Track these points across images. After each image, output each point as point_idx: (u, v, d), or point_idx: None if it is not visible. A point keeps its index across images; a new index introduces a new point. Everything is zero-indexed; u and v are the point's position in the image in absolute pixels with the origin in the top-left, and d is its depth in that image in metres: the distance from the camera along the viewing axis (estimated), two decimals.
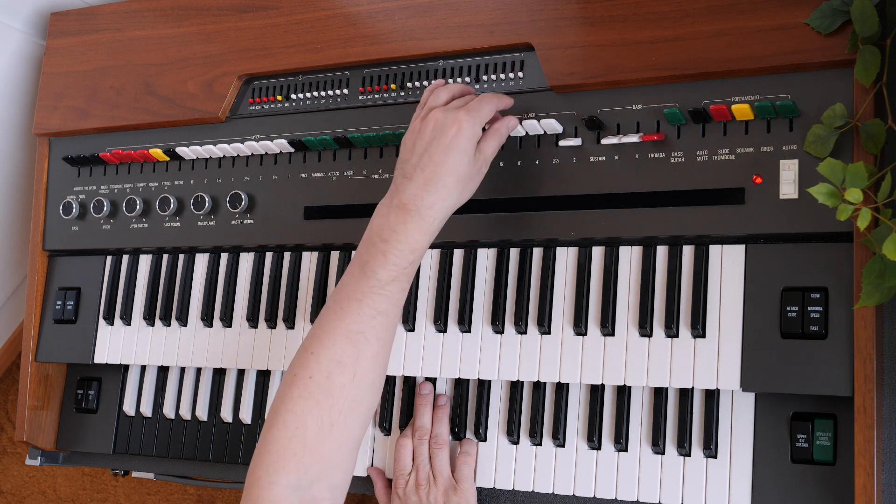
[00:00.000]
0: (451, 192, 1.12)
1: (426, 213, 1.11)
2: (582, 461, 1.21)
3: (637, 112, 1.21)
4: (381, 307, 1.13)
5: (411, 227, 1.11)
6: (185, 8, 1.51)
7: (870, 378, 1.05)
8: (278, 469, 1.09)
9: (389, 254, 1.12)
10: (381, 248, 1.12)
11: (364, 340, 1.12)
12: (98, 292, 1.55)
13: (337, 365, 1.11)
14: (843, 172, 1.01)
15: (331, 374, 1.11)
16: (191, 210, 1.47)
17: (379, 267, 1.12)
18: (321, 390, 1.10)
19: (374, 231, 1.13)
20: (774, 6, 1.13)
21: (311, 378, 1.11)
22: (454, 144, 1.11)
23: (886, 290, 1.01)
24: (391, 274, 1.12)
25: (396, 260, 1.12)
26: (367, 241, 1.14)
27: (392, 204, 1.13)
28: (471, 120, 1.13)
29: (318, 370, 1.11)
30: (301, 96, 1.42)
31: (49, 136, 1.62)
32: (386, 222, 1.12)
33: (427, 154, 1.12)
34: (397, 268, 1.12)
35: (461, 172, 1.12)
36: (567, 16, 1.24)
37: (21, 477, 2.23)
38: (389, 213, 1.12)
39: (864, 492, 1.04)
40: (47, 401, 1.58)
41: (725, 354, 1.14)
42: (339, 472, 1.12)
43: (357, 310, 1.12)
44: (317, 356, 1.12)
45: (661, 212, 1.18)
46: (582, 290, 1.23)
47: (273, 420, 1.12)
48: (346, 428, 1.12)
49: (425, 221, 1.12)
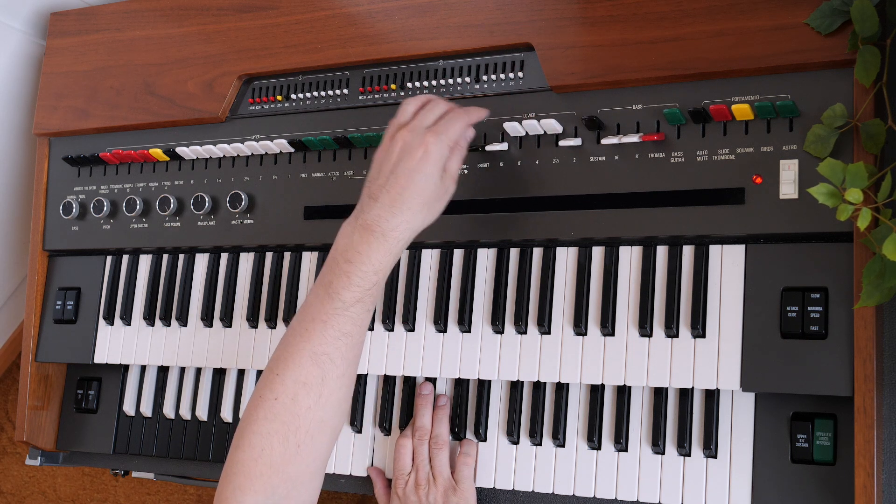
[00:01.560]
0: (416, 214, 1.12)
1: (390, 235, 1.11)
2: (582, 461, 1.21)
3: (637, 112, 1.21)
4: (345, 328, 1.12)
5: (375, 248, 1.11)
6: (185, 8, 1.51)
7: (870, 378, 1.05)
8: (245, 490, 1.09)
9: (353, 275, 1.11)
10: (345, 269, 1.12)
11: (329, 362, 1.12)
12: (98, 292, 1.55)
13: (302, 387, 1.11)
14: (843, 172, 1.01)
15: (296, 395, 1.11)
16: (191, 210, 1.47)
17: (343, 288, 1.12)
18: (287, 412, 1.10)
19: (339, 251, 1.13)
20: (774, 6, 1.13)
21: (276, 400, 1.11)
22: (420, 167, 1.11)
23: (886, 290, 1.01)
24: (355, 295, 1.12)
25: (360, 281, 1.11)
26: (331, 262, 1.14)
27: (357, 224, 1.12)
28: (438, 142, 1.12)
29: (284, 392, 1.11)
30: (301, 96, 1.42)
31: (49, 136, 1.61)
32: (350, 243, 1.12)
33: (393, 176, 1.12)
34: (361, 289, 1.12)
35: (427, 195, 1.12)
36: (567, 16, 1.24)
37: (21, 477, 2.23)
38: (353, 234, 1.12)
39: (864, 492, 1.04)
40: (47, 401, 1.58)
41: (725, 354, 1.14)
42: (306, 491, 1.12)
43: (322, 331, 1.12)
44: (282, 378, 1.12)
45: (661, 212, 1.18)
46: (582, 290, 1.23)
47: (239, 441, 1.12)
48: (313, 448, 1.12)
49: (389, 243, 1.11)
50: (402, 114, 1.18)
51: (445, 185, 1.16)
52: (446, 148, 1.14)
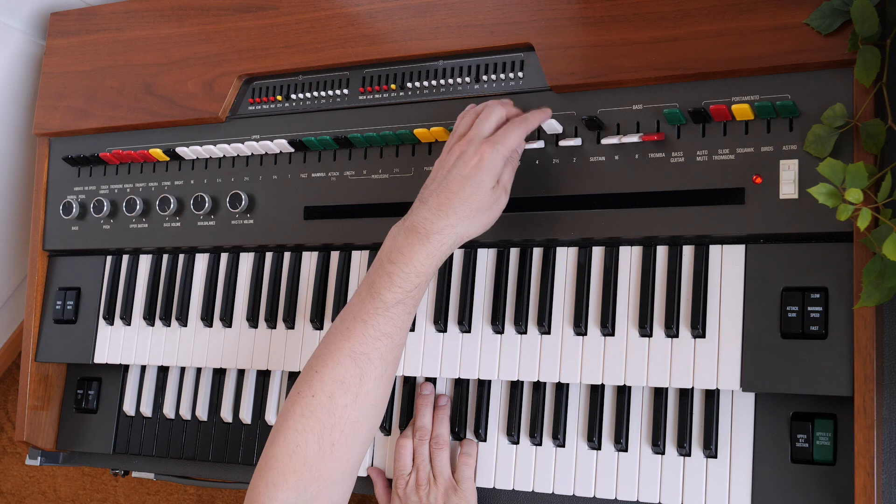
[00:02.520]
0: (463, 219, 1.12)
1: (434, 238, 1.12)
2: (582, 461, 1.21)
3: (637, 112, 1.21)
4: (385, 329, 1.13)
5: (418, 249, 1.12)
6: (185, 8, 1.51)
7: (870, 378, 1.05)
8: (278, 485, 1.09)
9: (395, 276, 1.12)
10: (388, 270, 1.12)
11: (368, 362, 1.12)
12: (98, 292, 1.55)
13: (340, 385, 1.11)
14: (843, 172, 1.01)
15: (333, 393, 1.11)
16: (191, 210, 1.47)
17: (384, 288, 1.12)
18: (323, 409, 1.11)
19: (384, 252, 1.14)
20: (774, 6, 1.13)
21: (313, 397, 1.11)
22: (472, 175, 1.12)
23: (886, 290, 1.01)
24: (396, 296, 1.12)
25: (401, 282, 1.12)
26: (376, 262, 1.15)
27: (403, 226, 1.14)
28: (493, 152, 1.13)
29: (322, 389, 1.11)
30: (301, 96, 1.42)
31: (49, 136, 1.61)
32: (394, 244, 1.13)
33: (445, 181, 1.13)
34: (402, 290, 1.12)
35: (477, 203, 1.13)
36: (567, 16, 1.24)
37: (21, 477, 2.23)
38: (398, 235, 1.13)
39: (864, 492, 1.04)
40: (47, 401, 1.58)
41: (725, 354, 1.14)
42: (338, 490, 1.13)
43: (362, 331, 1.12)
44: (321, 375, 1.12)
45: (661, 212, 1.18)
46: (582, 290, 1.23)
47: (275, 437, 1.12)
48: (347, 447, 1.12)
49: (432, 245, 1.12)
50: (461, 125, 1.18)
51: (497, 195, 1.15)
52: (501, 158, 1.14)
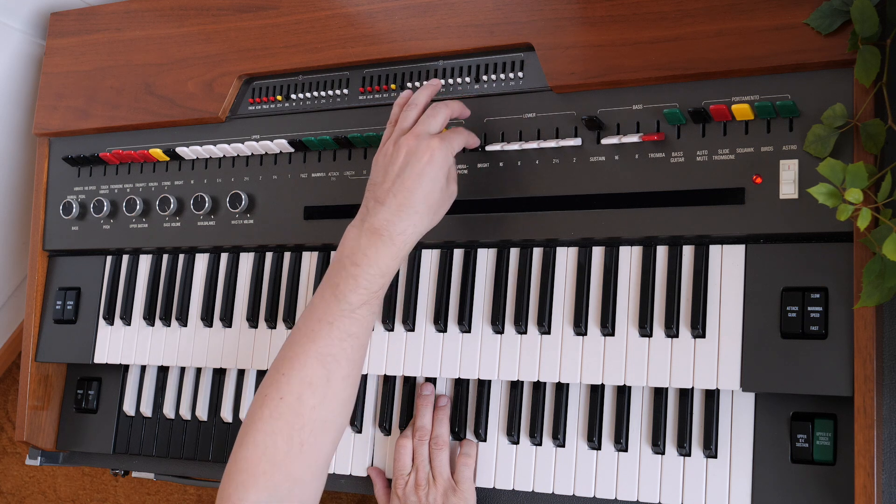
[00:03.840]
0: (423, 217, 1.14)
1: (398, 239, 1.13)
2: (582, 461, 1.21)
3: (637, 112, 1.21)
4: (351, 330, 1.13)
5: (383, 252, 1.12)
6: (185, 8, 1.51)
7: (870, 378, 1.05)
8: (248, 487, 1.09)
9: (360, 278, 1.13)
10: (353, 272, 1.13)
11: (335, 362, 1.13)
12: (98, 292, 1.55)
13: (308, 387, 1.12)
14: (843, 172, 1.01)
15: (301, 395, 1.12)
16: (191, 210, 1.47)
17: (350, 291, 1.13)
18: (291, 411, 1.11)
19: (346, 254, 1.14)
20: (774, 6, 1.13)
21: (281, 399, 1.12)
22: (427, 172, 1.13)
23: (886, 290, 1.01)
24: (362, 298, 1.13)
25: (367, 284, 1.13)
26: (337, 264, 1.15)
27: (363, 228, 1.14)
28: (444, 149, 1.15)
29: (289, 391, 1.12)
30: (301, 96, 1.42)
31: (49, 136, 1.61)
32: (357, 246, 1.13)
33: (400, 180, 1.13)
34: (368, 292, 1.13)
35: (433, 199, 1.15)
36: (567, 16, 1.24)
37: (21, 477, 2.23)
38: (360, 237, 1.13)
39: (864, 492, 1.04)
40: (47, 401, 1.58)
41: (725, 354, 1.14)
42: (308, 490, 1.13)
43: (328, 333, 1.13)
44: (287, 377, 1.12)
45: (661, 212, 1.18)
46: (582, 290, 1.23)
47: (243, 439, 1.12)
48: (316, 447, 1.12)
49: (396, 247, 1.13)
50: (403, 119, 1.19)
51: (450, 190, 1.19)
52: (451, 155, 1.17)
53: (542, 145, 1.24)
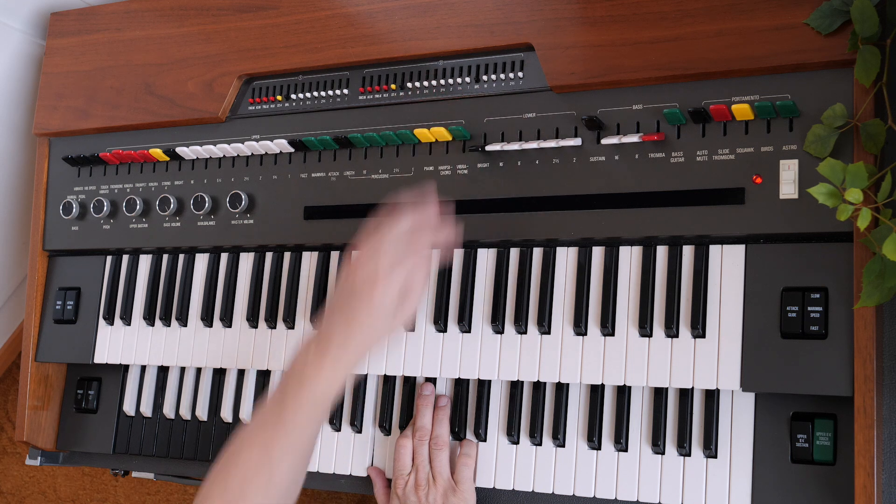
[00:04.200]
0: (373, 338, 1.14)
1: (343, 358, 1.12)
2: (582, 461, 1.21)
3: (637, 112, 1.21)
4: (301, 428, 1.13)
5: (327, 366, 1.12)
6: (185, 8, 1.51)
7: (870, 378, 1.05)
8: None
9: (305, 389, 1.12)
10: (299, 382, 1.13)
11: (279, 455, 1.12)
12: (98, 292, 1.55)
13: (254, 474, 1.12)
14: (843, 172, 1.01)
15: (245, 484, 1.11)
16: (191, 210, 1.47)
17: (291, 400, 1.12)
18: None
19: (297, 364, 1.14)
20: (774, 6, 1.13)
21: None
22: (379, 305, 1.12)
23: (886, 290, 1.01)
24: (307, 406, 1.12)
25: (311, 396, 1.12)
26: (289, 373, 1.15)
27: (319, 341, 1.14)
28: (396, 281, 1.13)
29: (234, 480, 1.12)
30: (301, 96, 1.42)
31: (49, 136, 1.62)
32: (306, 359, 1.14)
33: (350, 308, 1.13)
34: (313, 402, 1.13)
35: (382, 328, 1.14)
36: (567, 16, 1.24)
37: (21, 477, 2.23)
38: (308, 351, 1.14)
39: (864, 492, 1.04)
40: (47, 401, 1.58)
41: (725, 354, 1.14)
42: None
43: (274, 425, 1.12)
44: (235, 460, 1.12)
45: (661, 212, 1.18)
46: (582, 290, 1.23)
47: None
48: None
49: (342, 363, 1.13)
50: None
51: (404, 313, 1.16)
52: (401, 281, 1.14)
53: (542, 145, 1.24)
